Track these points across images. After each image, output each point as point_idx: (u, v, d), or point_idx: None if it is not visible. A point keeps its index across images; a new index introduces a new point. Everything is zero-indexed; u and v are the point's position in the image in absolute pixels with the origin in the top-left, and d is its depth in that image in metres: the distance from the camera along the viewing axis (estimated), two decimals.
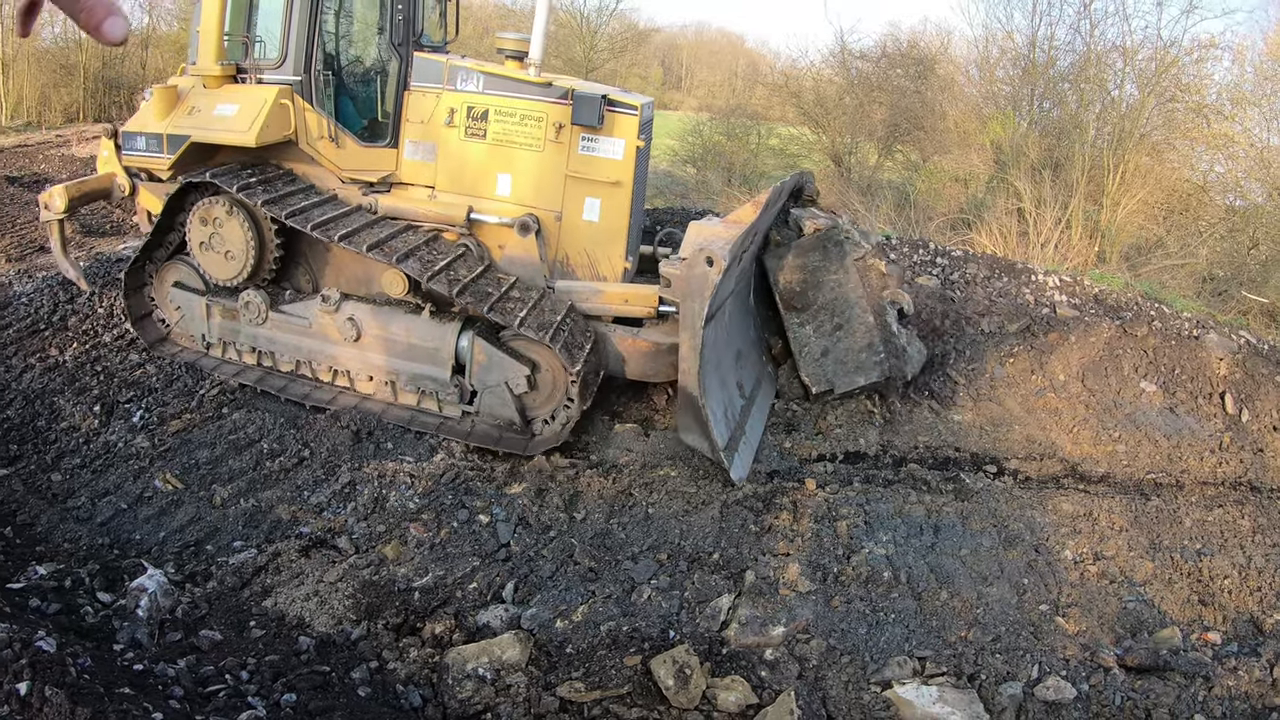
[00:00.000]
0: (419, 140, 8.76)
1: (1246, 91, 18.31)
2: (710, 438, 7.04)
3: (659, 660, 4.81)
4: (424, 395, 8.45)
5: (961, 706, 4.90)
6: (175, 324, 9.28)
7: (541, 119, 8.46)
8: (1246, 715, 5.08)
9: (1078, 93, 19.50)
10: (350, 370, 8.61)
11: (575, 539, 6.42)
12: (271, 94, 8.29)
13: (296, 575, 5.76)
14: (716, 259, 6.65)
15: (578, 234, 8.70)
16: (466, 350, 8.20)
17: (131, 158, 9.12)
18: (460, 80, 8.57)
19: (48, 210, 9.40)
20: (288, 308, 8.71)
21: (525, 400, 8.21)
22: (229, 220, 8.40)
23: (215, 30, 8.44)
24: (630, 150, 8.41)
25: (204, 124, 8.46)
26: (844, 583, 6.04)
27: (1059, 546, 6.79)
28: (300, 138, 8.52)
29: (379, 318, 8.38)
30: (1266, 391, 9.77)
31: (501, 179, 8.67)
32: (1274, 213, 17.04)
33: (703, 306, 6.73)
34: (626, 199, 8.59)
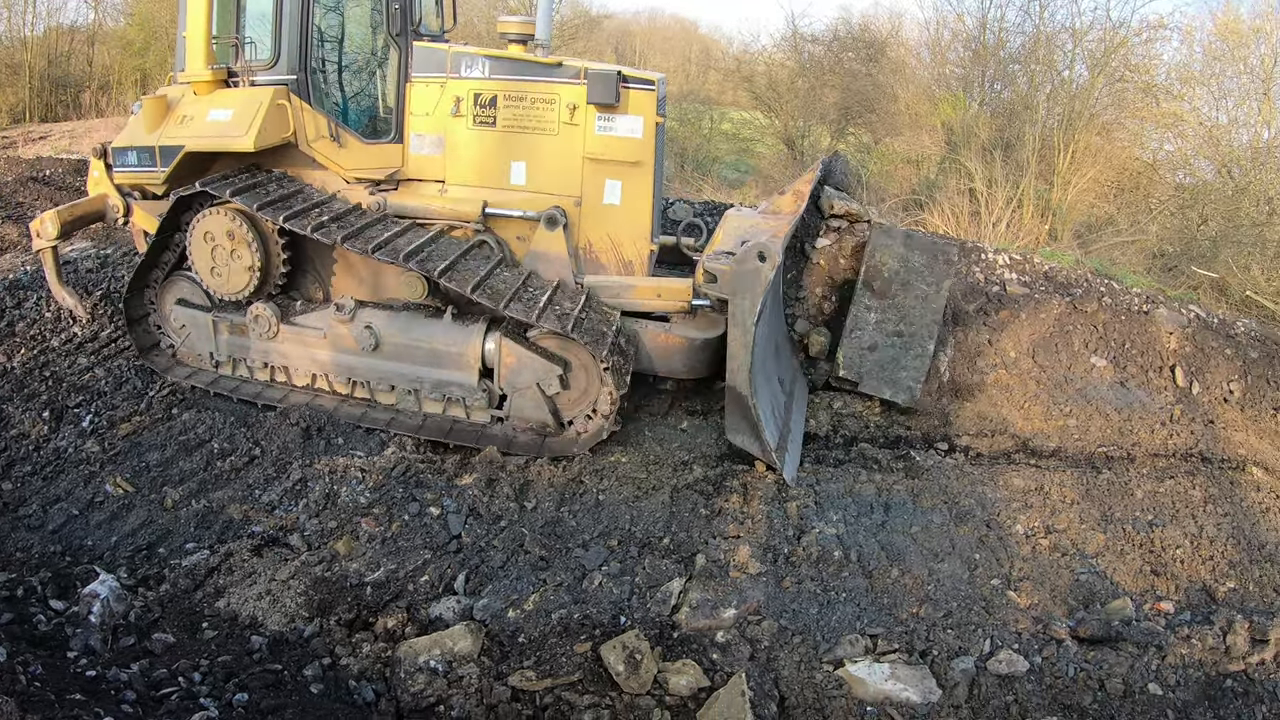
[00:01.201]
0: (425, 133, 8.41)
1: (1195, 71, 18.53)
2: (761, 438, 6.97)
3: (609, 646, 4.82)
4: (450, 403, 8.12)
5: (914, 682, 4.95)
6: (181, 344, 8.80)
7: (554, 101, 8.11)
8: (1200, 683, 5.14)
9: (1028, 74, 19.67)
10: (370, 381, 8.24)
11: (526, 528, 6.42)
12: (267, 95, 7.91)
13: (249, 575, 5.72)
14: (770, 255, 6.58)
15: (600, 219, 8.37)
16: (494, 352, 7.88)
17: (124, 175, 8.60)
18: (465, 67, 8.21)
19: (39, 238, 8.98)
20: (300, 319, 8.32)
21: (558, 400, 7.95)
22: (232, 231, 8.02)
23: (203, 34, 8.04)
24: (650, 127, 8.10)
25: (198, 132, 8.05)
26: (795, 563, 6.07)
27: (1010, 521, 6.85)
28: (300, 139, 8.14)
29: (397, 324, 8.06)
30: (1216, 364, 9.88)
31: (515, 167, 8.34)
32: (1222, 189, 17.27)
33: (755, 303, 6.64)
34: (648, 179, 8.28)
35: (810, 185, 8.09)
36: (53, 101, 25.86)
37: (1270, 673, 5.22)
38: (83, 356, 8.84)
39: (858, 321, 8.36)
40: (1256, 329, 10.74)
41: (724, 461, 7.47)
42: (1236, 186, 17.11)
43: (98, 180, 9.25)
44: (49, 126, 22.76)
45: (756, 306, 6.64)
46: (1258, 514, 7.46)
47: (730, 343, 6.80)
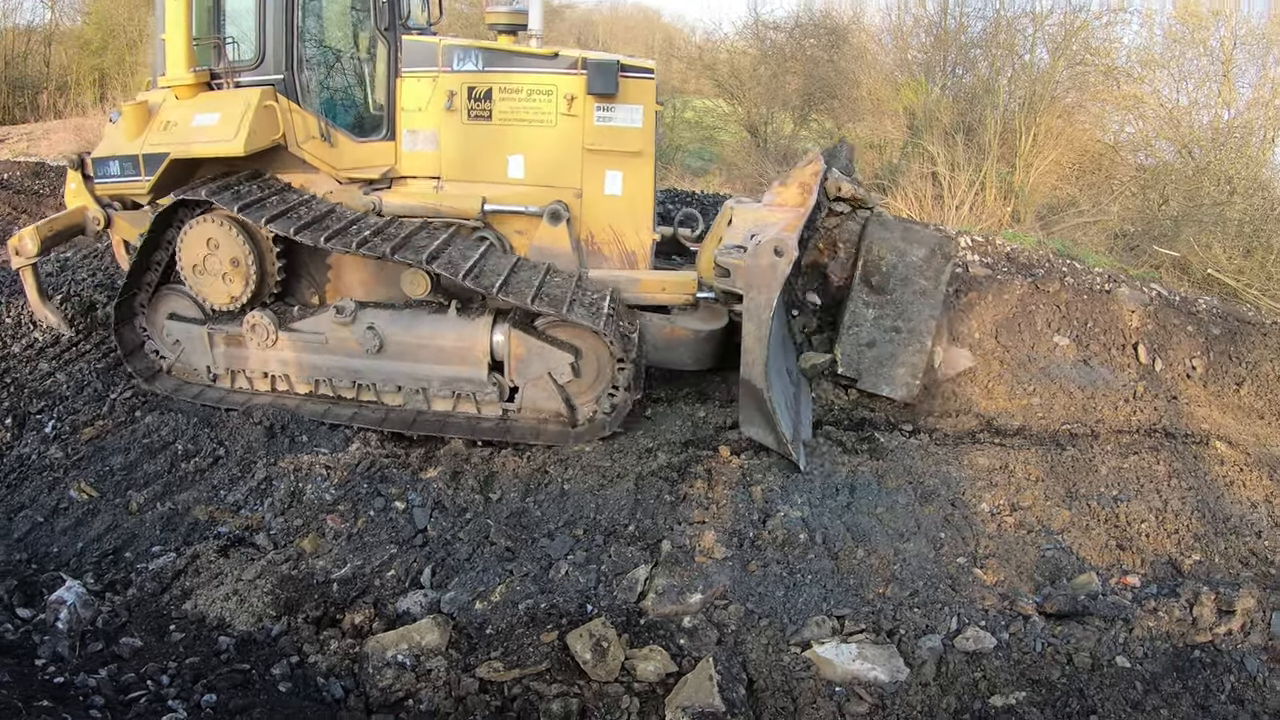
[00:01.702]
0: (418, 129, 8.27)
1: (1156, 54, 18.67)
2: (776, 430, 6.98)
3: (575, 635, 4.82)
4: (460, 399, 8.02)
5: (881, 662, 4.97)
6: (176, 359, 8.47)
7: (551, 92, 8.05)
8: (1168, 654, 5.17)
9: (989, 58, 19.78)
10: (375, 384, 8.07)
11: (491, 520, 6.41)
12: (255, 96, 7.77)
13: (216, 576, 5.68)
14: (787, 251, 6.59)
15: (601, 210, 8.34)
16: (503, 345, 7.79)
17: (106, 186, 8.44)
18: (457, 60, 8.07)
19: (18, 255, 8.67)
20: (298, 325, 8.10)
21: (569, 389, 7.89)
22: (224, 239, 7.80)
23: (182, 36, 7.88)
24: (649, 116, 8.08)
25: (183, 138, 7.84)
26: (760, 547, 6.09)
27: (975, 500, 6.90)
28: (290, 141, 8.01)
29: (401, 323, 7.93)
30: (1179, 341, 9.98)
31: (513, 161, 8.26)
32: (1183, 170, 17.44)
33: (770, 298, 6.65)
34: (649, 168, 8.30)
35: (817, 178, 8.04)
36: (9, 104, 25.56)
37: (1237, 643, 5.27)
38: (44, 362, 8.74)
39: (855, 318, 8.29)
40: (1218, 306, 10.86)
41: (688, 448, 7.48)
42: (1197, 167, 17.28)
43: (75, 192, 8.99)
44: (6, 129, 22.45)
45: (773, 301, 6.66)
46: (1222, 487, 7.54)
47: (745, 337, 6.80)
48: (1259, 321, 10.63)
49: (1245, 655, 5.14)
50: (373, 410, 8.11)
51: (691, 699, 4.51)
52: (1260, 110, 17.61)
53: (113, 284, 10.45)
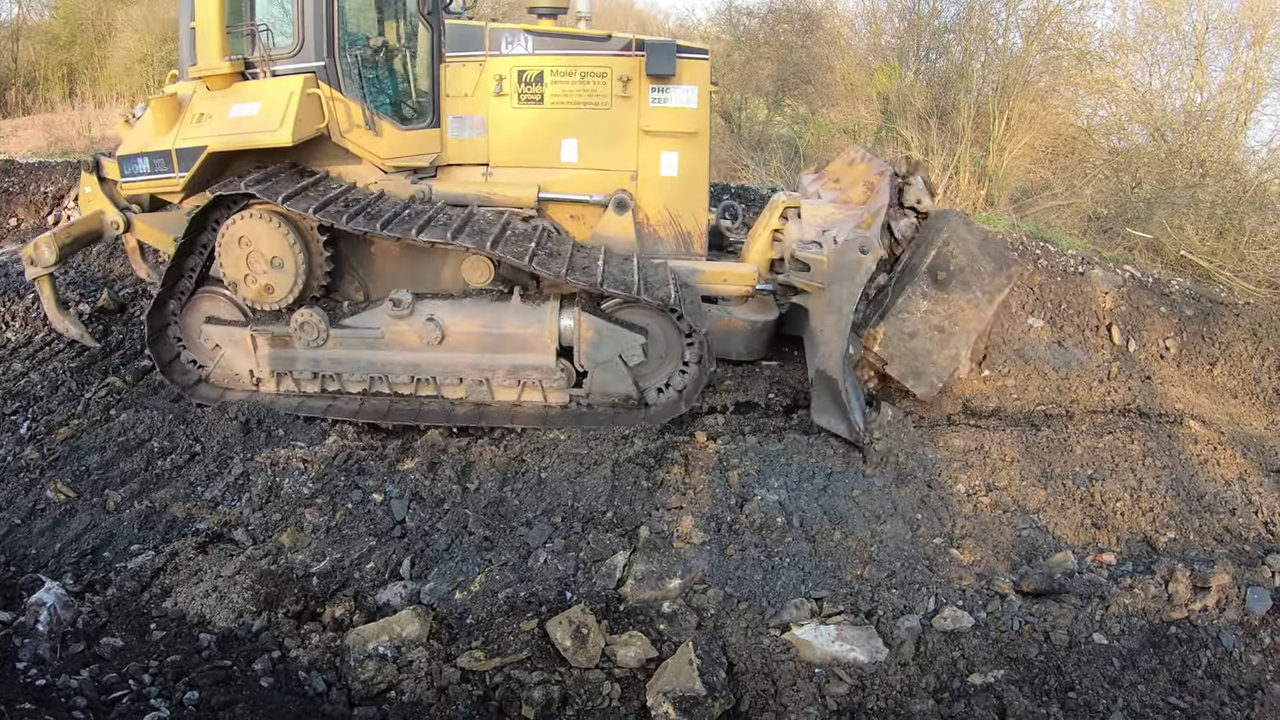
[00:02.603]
0: (464, 115, 8.16)
1: (1128, 38, 18.71)
2: (850, 419, 7.08)
3: (555, 622, 4.84)
4: (526, 387, 7.88)
5: (860, 642, 5.02)
6: (215, 364, 8.12)
7: (605, 74, 8.01)
8: (1144, 631, 5.24)
9: (963, 43, 19.77)
10: (436, 376, 7.87)
11: (469, 509, 6.41)
12: (297, 84, 7.43)
13: (195, 573, 5.67)
14: (872, 249, 6.78)
15: (657, 191, 8.33)
16: (571, 329, 7.66)
17: (134, 184, 7.94)
18: (505, 44, 7.98)
19: (34, 265, 8.30)
20: (351, 321, 7.84)
21: (638, 370, 7.83)
22: (269, 235, 7.48)
23: (216, 23, 7.54)
24: (704, 97, 8.10)
25: (221, 130, 7.51)
26: (738, 531, 6.13)
27: (951, 481, 6.96)
28: (333, 130, 7.69)
29: (462, 312, 7.71)
30: (1152, 321, 10.08)
31: (566, 145, 8.20)
32: (1155, 153, 17.51)
33: (853, 293, 6.80)
34: (704, 149, 8.32)
35: (883, 179, 8.04)
36: None
37: (1213, 619, 5.34)
38: (17, 362, 8.68)
39: (908, 304, 8.12)
40: (1191, 287, 10.96)
41: (664, 434, 7.50)
42: (1169, 149, 17.35)
43: (91, 196, 8.68)
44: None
45: (855, 296, 6.80)
46: (1196, 466, 7.62)
47: (824, 329, 6.95)
48: (1231, 302, 10.73)
49: (1221, 631, 5.20)
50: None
51: (672, 683, 4.54)
52: (1232, 93, 17.67)
53: (85, 282, 10.37)
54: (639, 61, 7.93)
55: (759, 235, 8.49)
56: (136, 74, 22.28)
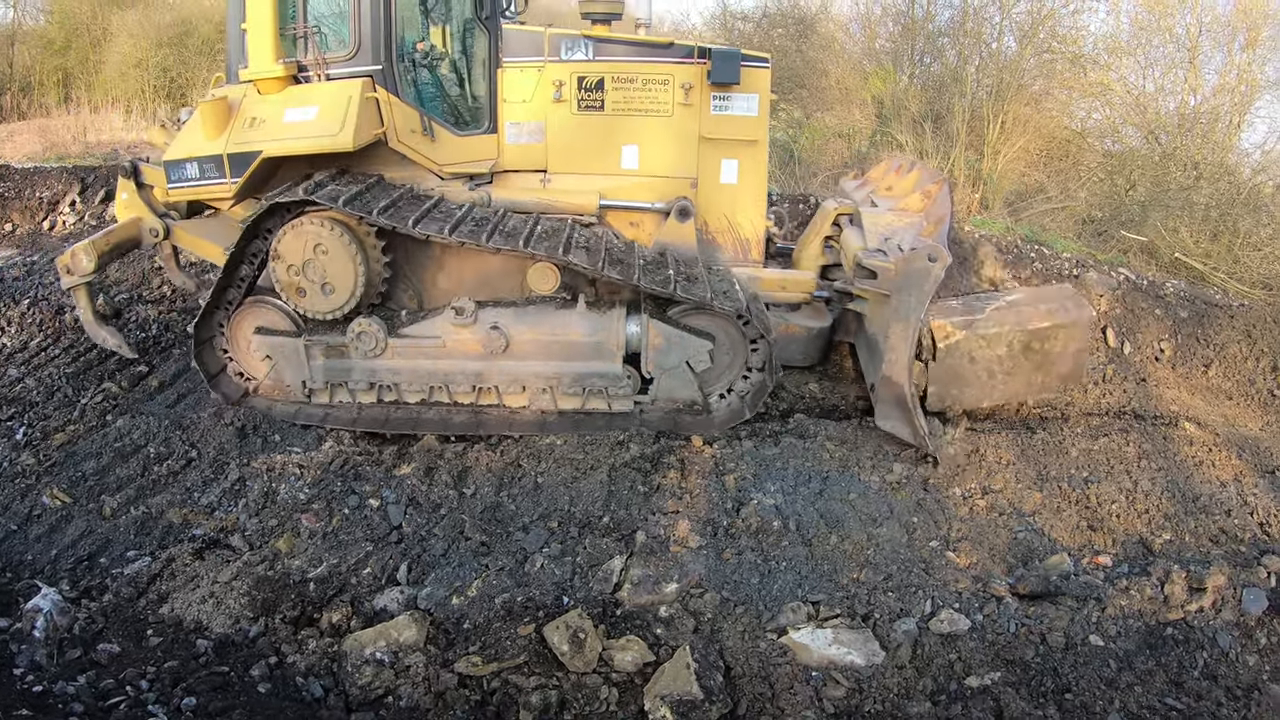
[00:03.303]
0: (522, 121, 8.12)
1: (1122, 41, 18.79)
2: (914, 424, 7.06)
3: (552, 627, 4.83)
4: (590, 395, 7.79)
5: (857, 646, 5.02)
6: (265, 375, 7.98)
7: (668, 81, 8.00)
8: (1141, 632, 5.24)
9: (957, 47, 19.83)
10: (499, 385, 7.76)
11: (466, 515, 6.41)
12: (356, 88, 7.30)
13: (192, 579, 5.67)
14: (940, 257, 6.75)
15: (717, 199, 8.36)
16: (638, 336, 7.62)
17: (182, 190, 7.75)
18: (565, 50, 7.95)
19: (70, 274, 8.13)
20: (410, 330, 7.71)
21: (703, 376, 7.80)
22: (329, 242, 7.31)
23: (270, 25, 7.41)
24: (764, 105, 8.12)
25: (276, 134, 7.34)
26: (734, 535, 6.13)
27: (947, 484, 6.96)
28: (390, 135, 7.56)
29: (527, 320, 7.62)
30: (1146, 324, 10.10)
31: (627, 151, 8.19)
32: (1150, 155, 17.58)
33: (921, 300, 6.78)
34: (763, 156, 8.39)
35: (940, 188, 8.12)
36: None
37: (1209, 620, 5.34)
38: (12, 368, 8.69)
39: None
40: (1185, 289, 10.99)
41: (660, 438, 7.49)
42: (1163, 152, 17.41)
43: (128, 203, 8.50)
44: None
45: (924, 304, 6.78)
46: (1191, 467, 7.63)
47: (891, 336, 6.94)
48: (1226, 304, 10.76)
49: (1217, 631, 5.21)
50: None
51: (669, 688, 4.54)
52: (1226, 96, 17.76)
53: None
54: (701, 69, 7.95)
55: (811, 242, 8.58)
56: (132, 79, 22.24)
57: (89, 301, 8.34)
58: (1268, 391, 9.54)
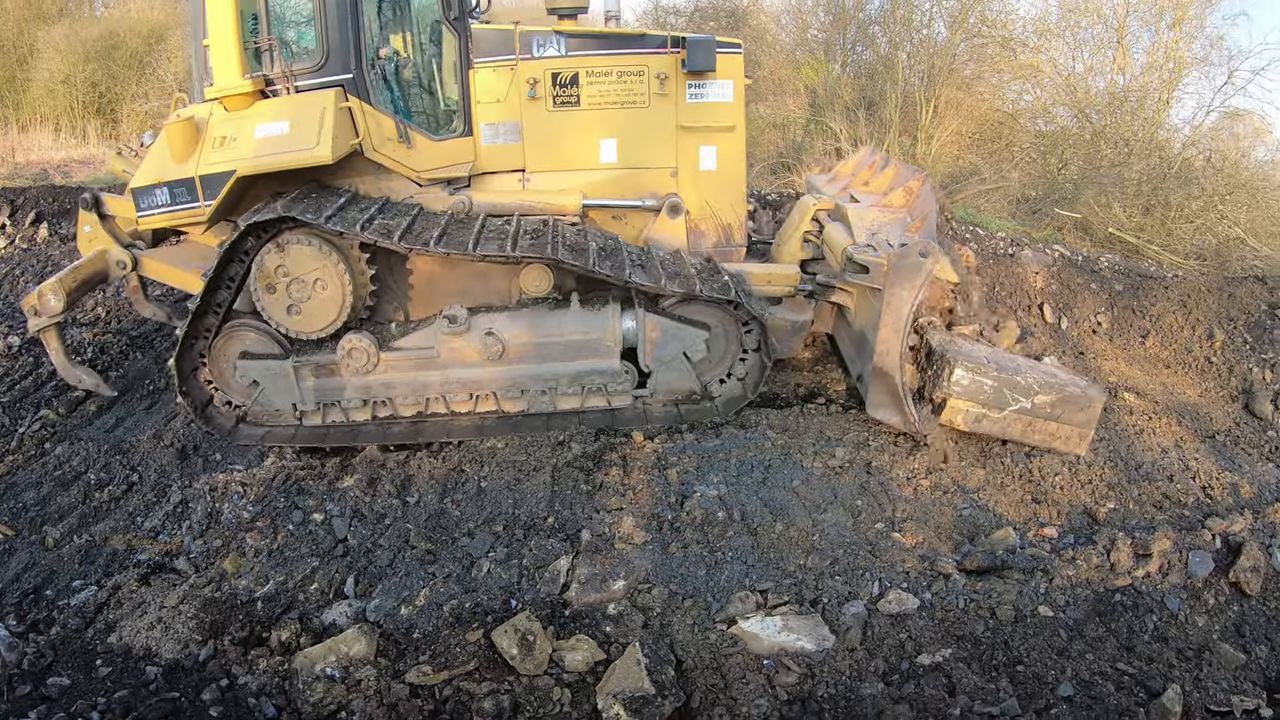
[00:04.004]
0: (497, 121, 7.98)
1: (1051, 24, 19.05)
2: (905, 411, 7.13)
3: (500, 631, 4.82)
4: (589, 393, 7.79)
5: (807, 631, 5.06)
6: (254, 402, 7.72)
7: (642, 72, 7.99)
8: (1090, 600, 5.36)
9: (888, 34, 20.00)
10: (496, 391, 7.72)
11: (410, 524, 6.39)
12: (328, 99, 7.11)
13: (138, 605, 5.60)
14: (932, 253, 6.88)
15: (697, 186, 8.37)
16: (634, 331, 7.65)
17: (152, 218, 7.43)
18: (537, 47, 7.84)
19: (38, 316, 7.77)
20: (402, 343, 7.59)
21: (699, 366, 7.87)
22: (311, 260, 7.18)
23: (233, 39, 7.15)
24: (740, 91, 8.19)
25: (250, 153, 7.08)
26: (679, 528, 6.16)
27: (890, 465, 7.02)
28: (366, 144, 7.34)
29: (522, 323, 7.58)
30: (1083, 299, 10.25)
31: (605, 145, 8.16)
32: (1081, 134, 17.85)
33: (913, 294, 6.87)
34: (741, 141, 8.41)
35: (921, 185, 8.24)
36: None
37: (1156, 584, 5.49)
38: None
39: None
40: (1120, 263, 11.17)
41: (601, 436, 7.51)
42: (1094, 130, 17.66)
43: (91, 235, 8.19)
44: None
45: (915, 297, 6.85)
46: (1132, 436, 7.77)
47: (882, 328, 7.03)
48: (1160, 276, 10.95)
49: (1165, 595, 5.35)
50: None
51: (621, 685, 4.54)
52: (1154, 74, 18.03)
53: (13, 313, 10.16)
54: (675, 58, 7.99)
55: (791, 237, 8.61)
56: (60, 95, 21.76)
57: (60, 343, 8.02)
58: (1204, 359, 9.72)
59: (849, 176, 9.86)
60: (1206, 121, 17.77)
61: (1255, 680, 4.87)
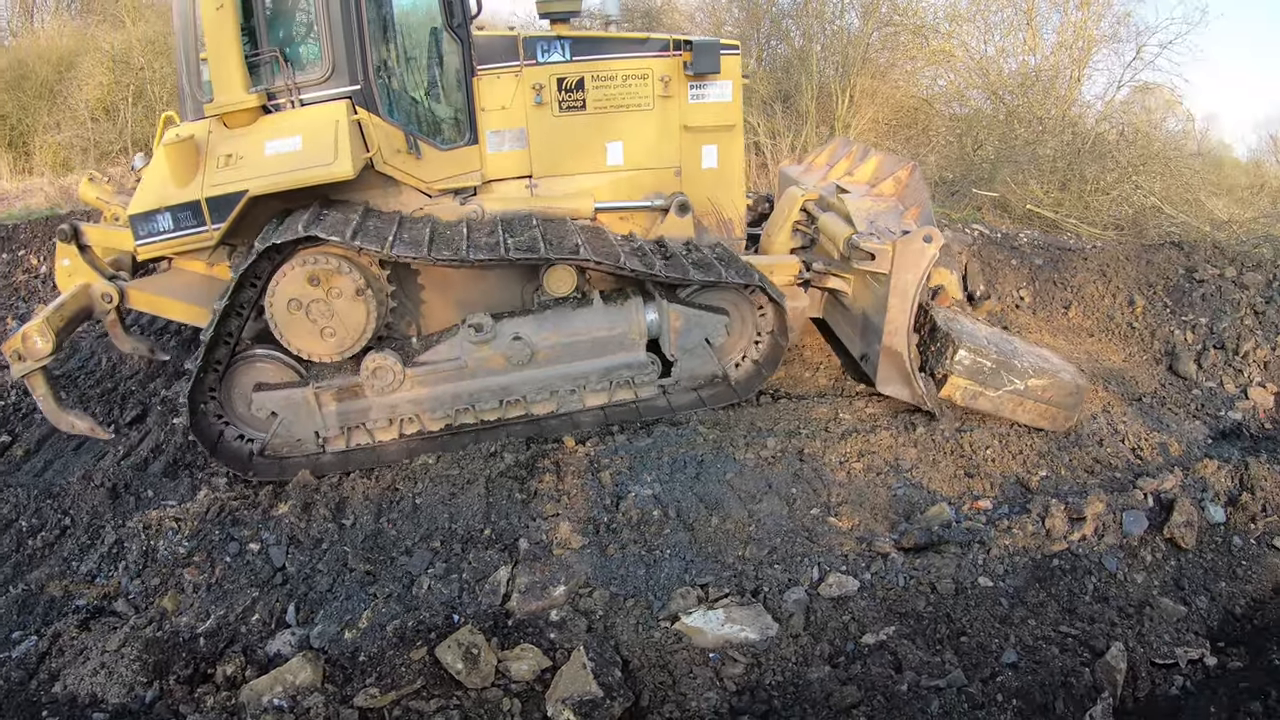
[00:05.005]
0: (503, 128, 8.00)
1: (962, 9, 19.43)
2: (913, 385, 7.51)
3: (444, 647, 4.79)
4: (616, 387, 7.88)
5: (750, 621, 5.10)
6: (273, 434, 7.46)
7: (647, 75, 8.15)
8: (1028, 568, 5.47)
9: (802, 27, 20.26)
10: (526, 395, 7.68)
11: (348, 546, 6.33)
12: (340, 111, 6.88)
13: (80, 652, 5.49)
14: (936, 238, 7.15)
15: (699, 184, 8.56)
16: (657, 322, 7.78)
17: (154, 245, 7.08)
18: (541, 52, 7.90)
19: (22, 360, 7.28)
20: (427, 356, 7.46)
21: (720, 350, 8.04)
22: (334, 280, 6.95)
23: (234, 53, 6.78)
24: (738, 90, 8.35)
25: (259, 171, 6.77)
26: (616, 530, 6.18)
27: (822, 451, 7.11)
28: (377, 158, 7.05)
29: (549, 325, 7.57)
30: (1004, 275, 10.44)
31: (612, 148, 8.30)
32: (995, 115, 18.22)
33: (918, 277, 7.20)
34: (739, 139, 8.68)
35: (910, 174, 8.43)
36: None
37: (1092, 546, 5.59)
38: None
39: None
40: (1039, 238, 11.41)
41: (533, 444, 7.50)
42: (1008, 111, 18.05)
43: (72, 269, 7.76)
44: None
45: (920, 280, 7.21)
46: None
47: (890, 309, 7.34)
48: (1080, 248, 11.20)
49: (1103, 556, 5.47)
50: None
51: (569, 690, 4.55)
52: (1065, 53, 18.48)
53: None
54: (678, 60, 8.14)
55: (781, 227, 8.85)
56: None
57: (48, 387, 7.59)
58: (1126, 325, 9.94)
59: (825, 167, 10.10)
60: (1118, 96, 18.29)
61: (1197, 631, 4.99)
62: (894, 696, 4.46)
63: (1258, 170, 20.46)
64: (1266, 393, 8.67)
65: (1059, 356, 8.01)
